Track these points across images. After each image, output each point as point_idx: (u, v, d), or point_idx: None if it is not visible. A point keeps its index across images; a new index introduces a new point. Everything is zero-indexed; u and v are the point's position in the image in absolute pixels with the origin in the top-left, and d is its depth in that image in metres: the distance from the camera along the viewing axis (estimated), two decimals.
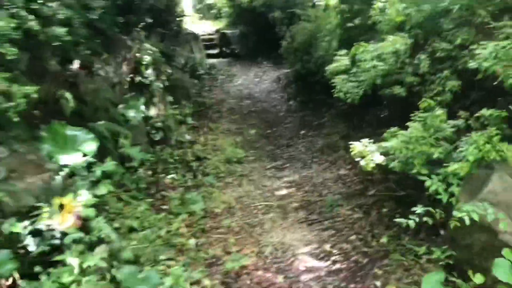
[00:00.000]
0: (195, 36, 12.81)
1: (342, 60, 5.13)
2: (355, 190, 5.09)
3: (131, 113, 5.81)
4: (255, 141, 7.38)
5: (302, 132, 7.49)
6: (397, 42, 4.42)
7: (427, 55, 4.42)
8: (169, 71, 9.01)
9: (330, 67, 5.13)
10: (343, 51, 5.34)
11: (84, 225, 3.76)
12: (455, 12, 4.08)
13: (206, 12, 21.87)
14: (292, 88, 10.46)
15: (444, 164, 3.44)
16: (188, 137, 7.12)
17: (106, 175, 4.44)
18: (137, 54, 7.21)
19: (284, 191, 5.38)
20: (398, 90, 4.49)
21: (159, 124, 6.86)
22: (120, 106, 6.02)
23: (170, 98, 8.32)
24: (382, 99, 5.49)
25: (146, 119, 6.74)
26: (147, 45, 7.43)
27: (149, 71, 7.29)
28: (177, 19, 13.27)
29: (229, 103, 9.84)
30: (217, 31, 16.71)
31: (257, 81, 11.96)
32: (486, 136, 3.35)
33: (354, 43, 5.82)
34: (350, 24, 6.13)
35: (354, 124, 7.19)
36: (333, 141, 6.72)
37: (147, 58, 7.25)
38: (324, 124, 7.62)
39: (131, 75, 7.06)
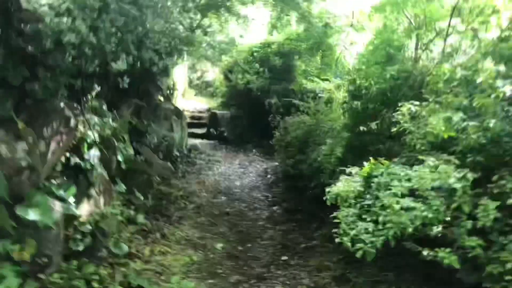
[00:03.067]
0: (178, 112, 11.33)
1: (350, 181, 3.42)
2: None
3: (32, 215, 3.95)
4: (218, 263, 5.44)
5: (284, 258, 5.59)
6: (447, 174, 2.72)
7: (492, 201, 2.71)
8: (131, 152, 7.31)
9: (333, 190, 3.41)
10: (354, 169, 3.64)
11: None
12: None
13: (203, 89, 20.91)
14: (280, 187, 8.75)
15: None
16: (125, 248, 5.18)
17: None
18: (81, 129, 5.53)
19: None
20: (447, 257, 2.71)
21: (87, 227, 4.97)
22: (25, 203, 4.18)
23: (122, 187, 6.51)
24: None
25: (70, 219, 4.87)
26: (96, 118, 5.76)
27: (93, 152, 5.56)
28: (162, 91, 11.93)
29: (201, 197, 8.03)
30: (208, 110, 15.41)
31: (241, 172, 10.27)
32: None
33: (366, 154, 4.19)
34: (363, 128, 4.51)
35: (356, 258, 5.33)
36: (323, 283, 4.82)
37: (92, 136, 5.55)
38: (313, 249, 5.76)
39: (67, 156, 5.34)
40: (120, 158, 6.75)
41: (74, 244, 4.76)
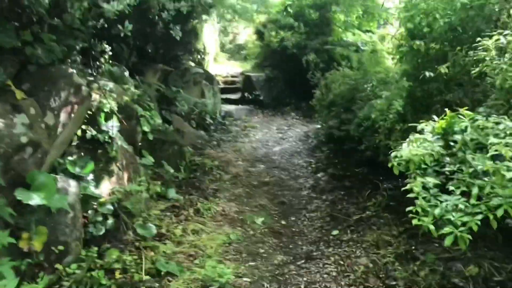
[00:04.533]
0: (209, 77, 10.59)
1: (425, 141, 2.57)
2: None
3: (35, 199, 3.36)
4: (259, 241, 4.78)
5: (334, 232, 4.85)
6: None
7: None
8: (158, 121, 6.68)
9: (402, 154, 2.55)
10: (429, 125, 2.76)
11: None
12: None
13: (235, 52, 20.04)
14: (323, 152, 7.93)
15: None
16: (154, 229, 4.58)
17: None
18: (97, 97, 4.90)
19: None
20: None
21: (109, 208, 4.39)
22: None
23: (149, 160, 5.91)
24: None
25: (89, 199, 4.31)
26: (112, 85, 5.10)
27: (112, 123, 4.93)
28: (192, 55, 11.19)
29: (237, 166, 7.35)
30: (242, 73, 14.55)
31: (280, 137, 9.50)
32: None
33: (432, 107, 3.30)
34: (429, 74, 3.58)
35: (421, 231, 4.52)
36: (384, 262, 4.05)
37: (109, 104, 4.91)
38: (368, 221, 4.98)
39: (82, 128, 4.75)
40: (146, 128, 6.13)
41: (95, 228, 4.20)
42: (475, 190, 2.16)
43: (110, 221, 4.37)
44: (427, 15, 3.94)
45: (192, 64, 11.11)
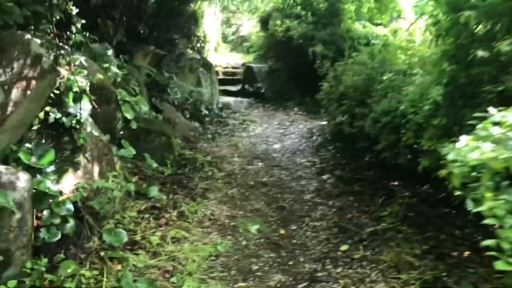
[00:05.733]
0: (207, 65, 9.76)
1: (504, 138, 1.75)
2: None
3: None
4: (252, 255, 3.95)
5: (343, 248, 4.02)
6: None
7: None
8: (145, 108, 5.85)
9: (466, 156, 1.71)
10: (509, 115, 1.93)
11: None
12: None
13: (238, 44, 19.24)
14: (329, 151, 7.12)
15: None
16: (124, 236, 3.75)
17: None
18: (65, 72, 4.07)
19: None
20: None
21: (69, 208, 3.56)
22: None
23: (130, 152, 5.09)
24: None
25: (44, 197, 3.48)
26: (83, 59, 4.26)
27: (83, 106, 4.10)
28: (190, 42, 10.38)
29: (233, 163, 6.54)
30: (243, 65, 13.74)
31: (281, 133, 8.68)
32: None
33: (488, 97, 2.49)
34: (481, 53, 2.74)
35: (447, 246, 3.71)
36: None
37: (80, 83, 4.07)
38: (384, 235, 4.15)
39: (46, 110, 3.94)
40: (128, 115, 5.32)
41: (48, 233, 3.38)
42: None
43: (70, 224, 3.54)
44: None
45: (190, 51, 10.32)
